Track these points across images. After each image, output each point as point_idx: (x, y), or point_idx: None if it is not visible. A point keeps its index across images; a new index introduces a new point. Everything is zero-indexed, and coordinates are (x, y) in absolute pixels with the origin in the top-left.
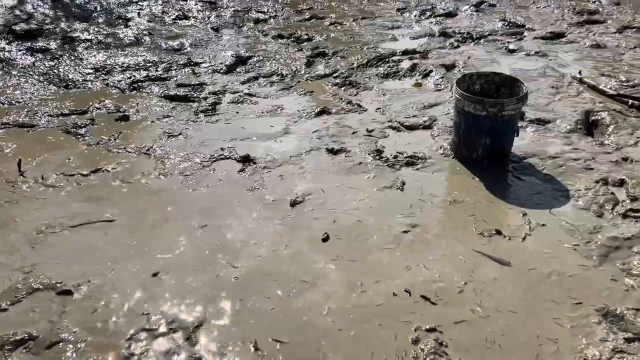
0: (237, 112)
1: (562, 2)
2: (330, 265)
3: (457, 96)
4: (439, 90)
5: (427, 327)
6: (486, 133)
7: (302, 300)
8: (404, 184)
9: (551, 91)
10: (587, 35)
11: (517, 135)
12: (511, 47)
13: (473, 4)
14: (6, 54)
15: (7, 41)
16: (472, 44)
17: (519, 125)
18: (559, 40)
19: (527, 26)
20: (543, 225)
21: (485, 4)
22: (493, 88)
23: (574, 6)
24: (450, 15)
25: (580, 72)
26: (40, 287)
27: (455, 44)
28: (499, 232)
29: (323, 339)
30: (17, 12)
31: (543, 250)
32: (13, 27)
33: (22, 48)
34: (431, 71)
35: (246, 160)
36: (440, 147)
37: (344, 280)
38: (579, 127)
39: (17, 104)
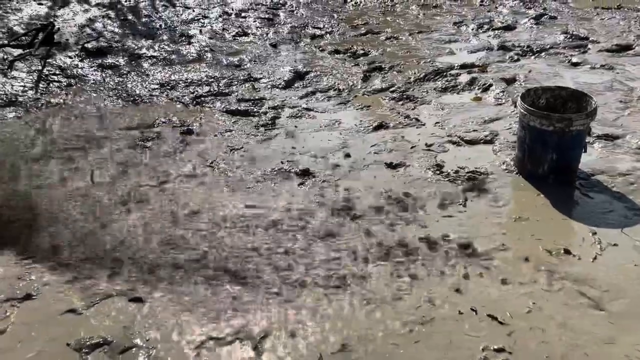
0: (295, 127)
1: (627, 13)
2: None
3: (522, 111)
4: (500, 104)
5: (495, 347)
6: (552, 149)
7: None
8: (466, 200)
9: (619, 106)
10: None
11: (585, 152)
12: (574, 60)
13: (533, 17)
14: (79, 70)
15: (80, 58)
16: (532, 57)
17: (587, 141)
18: (625, 52)
19: (591, 38)
20: (615, 245)
21: (546, 16)
22: (559, 102)
23: None
24: (508, 28)
25: None
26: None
27: (515, 57)
28: (567, 252)
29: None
30: (89, 30)
31: (615, 271)
32: (85, 44)
33: (93, 64)
34: (491, 85)
35: (306, 174)
36: (503, 163)
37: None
38: None
39: (87, 117)
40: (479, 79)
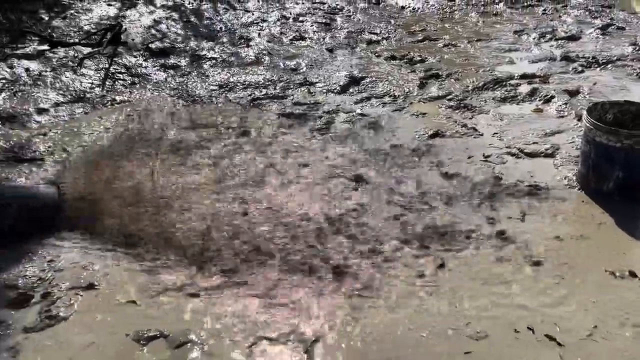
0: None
1: None
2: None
3: (588, 125)
4: (562, 117)
5: None
6: (619, 165)
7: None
8: (524, 214)
9: None
10: None
11: None
12: None
13: (599, 27)
14: (143, 69)
15: (144, 58)
16: (598, 69)
17: None
18: None
19: None
20: None
21: (613, 27)
22: (628, 118)
23: None
24: (572, 38)
25: None
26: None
27: (579, 68)
28: (633, 274)
29: None
30: (153, 31)
31: None
32: (149, 45)
33: (156, 64)
34: (553, 97)
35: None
36: (565, 177)
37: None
38: None
39: (150, 115)
40: (540, 90)
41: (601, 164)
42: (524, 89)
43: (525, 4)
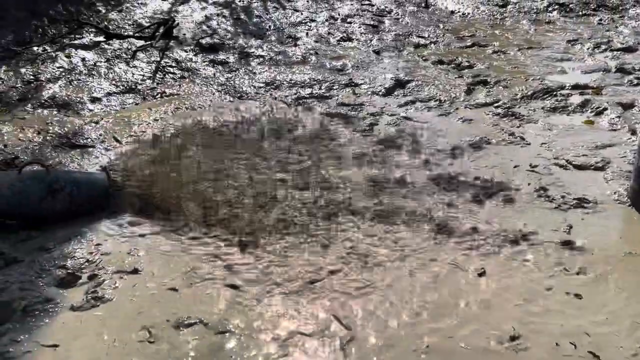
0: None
1: None
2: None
3: None
4: (614, 130)
5: None
6: None
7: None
8: (571, 227)
9: None
10: None
11: None
12: None
13: None
14: (193, 64)
15: (194, 53)
16: None
17: None
18: None
19: None
20: None
21: None
22: None
23: None
24: (629, 50)
25: None
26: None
27: (635, 81)
28: None
29: None
30: (204, 27)
31: None
32: (200, 40)
33: (205, 60)
34: (605, 109)
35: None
36: (615, 192)
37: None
38: None
39: (198, 109)
40: (592, 102)
41: None
42: (575, 99)
43: (580, 13)
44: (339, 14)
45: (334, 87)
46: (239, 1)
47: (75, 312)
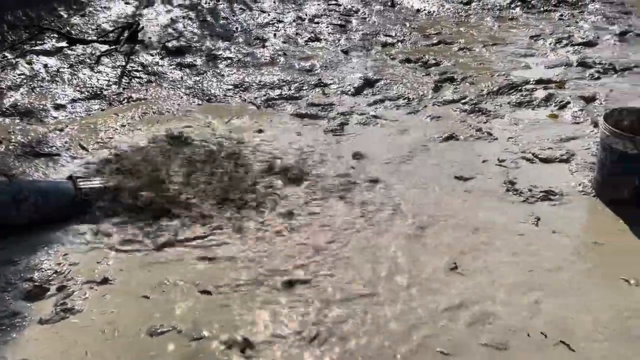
0: (364, 133)
1: None
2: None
3: (605, 132)
4: (578, 123)
5: None
6: (635, 173)
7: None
8: (538, 219)
9: None
10: None
11: None
12: None
13: (616, 33)
14: (159, 68)
15: (161, 56)
16: (615, 75)
17: None
18: None
19: None
20: None
21: (630, 33)
22: None
23: None
24: (589, 44)
25: None
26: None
27: (596, 75)
28: None
29: None
30: (170, 30)
31: None
32: (166, 43)
33: (172, 63)
34: (568, 102)
35: (374, 182)
36: (580, 184)
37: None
38: None
39: (166, 114)
40: (555, 96)
41: (617, 171)
42: (540, 94)
43: (542, 9)
44: (306, 15)
45: (304, 88)
46: (205, 3)
47: (44, 325)
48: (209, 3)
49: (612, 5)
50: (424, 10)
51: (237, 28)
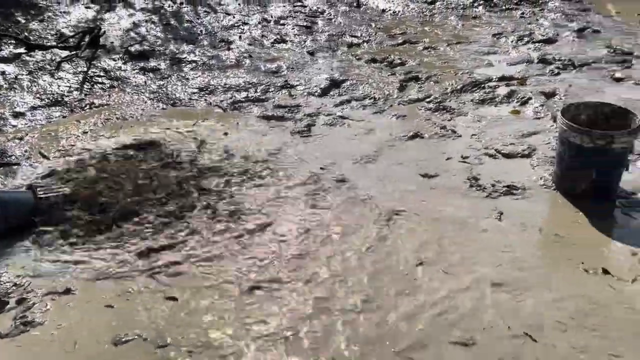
0: (331, 134)
1: None
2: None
3: (562, 126)
4: (539, 118)
5: None
6: (593, 166)
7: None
8: (501, 214)
9: None
10: None
11: (628, 170)
12: (617, 75)
13: (575, 30)
14: (122, 72)
15: (123, 61)
16: (574, 71)
17: (629, 158)
18: None
19: (635, 54)
20: None
21: (588, 30)
22: (601, 119)
23: None
24: (549, 41)
25: None
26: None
27: (556, 71)
28: (606, 272)
29: None
30: (133, 34)
31: None
32: (129, 48)
33: (135, 68)
34: (530, 98)
35: (341, 181)
36: (541, 178)
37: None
38: None
39: (130, 119)
40: (517, 92)
41: (575, 165)
42: (502, 91)
43: (504, 7)
44: (271, 16)
45: (270, 90)
46: (168, 7)
47: (4, 339)
48: (172, 6)
49: (570, 2)
50: (389, 10)
51: (201, 31)
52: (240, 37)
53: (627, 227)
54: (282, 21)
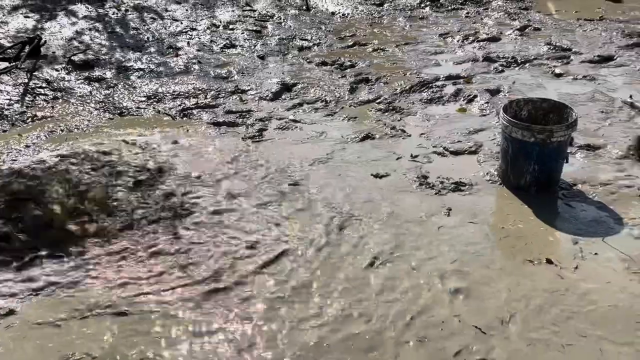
0: (283, 138)
1: (609, 24)
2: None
3: (505, 122)
4: (484, 115)
5: (478, 357)
6: (534, 159)
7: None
8: (450, 210)
9: (601, 116)
10: (638, 58)
11: (567, 162)
12: (557, 71)
13: (517, 28)
14: (66, 83)
15: (67, 71)
16: (517, 68)
17: (568, 151)
18: (607, 63)
19: (573, 50)
20: (596, 254)
21: (530, 28)
22: (541, 114)
23: (623, 29)
24: (493, 39)
25: (631, 97)
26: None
27: (500, 68)
28: (549, 261)
29: None
30: (76, 43)
31: (596, 280)
32: (72, 57)
33: (80, 77)
34: (476, 96)
35: (295, 184)
36: (487, 173)
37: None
38: (631, 153)
39: (75, 130)
40: (464, 90)
41: (518, 159)
42: (449, 89)
43: (450, 7)
44: (220, 21)
45: (220, 95)
46: (113, 14)
47: None
48: (117, 14)
49: (513, 1)
50: (339, 13)
51: (148, 38)
52: (188, 43)
53: (569, 217)
54: (231, 26)
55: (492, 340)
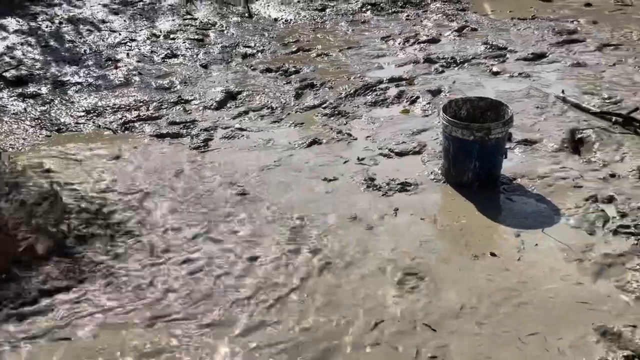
0: (229, 147)
1: (541, 23)
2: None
3: (445, 122)
4: (427, 115)
5: (430, 355)
6: (475, 157)
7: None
8: (397, 210)
9: (536, 111)
10: (568, 54)
11: (506, 157)
12: (495, 69)
13: (455, 29)
14: None
15: None
16: (456, 68)
17: (507, 147)
18: (540, 60)
19: (509, 48)
20: (536, 245)
21: (467, 28)
22: (479, 112)
23: (553, 27)
24: (433, 41)
25: (563, 92)
26: None
27: (440, 69)
28: (493, 254)
29: None
30: (7, 58)
31: (537, 270)
32: (3, 74)
33: (13, 94)
34: (418, 97)
35: (243, 194)
36: (431, 172)
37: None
38: (565, 145)
39: (10, 150)
40: (406, 92)
41: (459, 157)
42: (392, 92)
43: (390, 11)
44: (160, 31)
45: (163, 107)
46: (46, 27)
47: None
48: (51, 27)
49: (450, 3)
50: (282, 19)
51: (85, 51)
52: (128, 54)
53: (510, 210)
54: (172, 35)
55: (443, 338)
